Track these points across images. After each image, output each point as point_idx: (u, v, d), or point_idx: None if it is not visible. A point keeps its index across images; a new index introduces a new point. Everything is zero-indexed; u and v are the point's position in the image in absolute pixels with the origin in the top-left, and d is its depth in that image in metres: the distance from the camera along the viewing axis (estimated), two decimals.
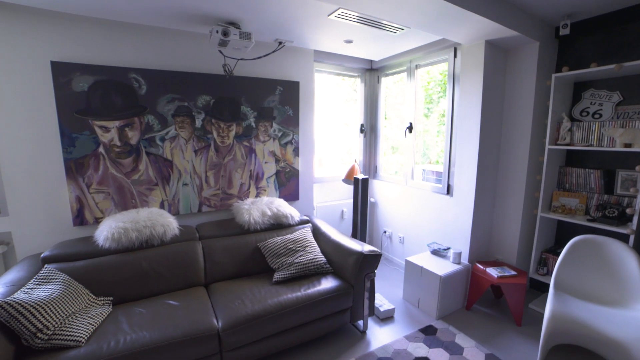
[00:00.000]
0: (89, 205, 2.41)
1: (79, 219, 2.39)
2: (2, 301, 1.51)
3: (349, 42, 2.83)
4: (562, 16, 2.32)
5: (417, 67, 3.20)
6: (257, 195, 3.02)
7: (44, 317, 1.60)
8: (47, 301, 1.67)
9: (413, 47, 3.04)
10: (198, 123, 2.68)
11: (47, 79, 2.19)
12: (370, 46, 3.00)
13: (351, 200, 3.75)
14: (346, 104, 3.81)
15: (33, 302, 1.61)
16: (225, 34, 2.20)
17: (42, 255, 2.06)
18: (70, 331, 1.64)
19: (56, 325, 1.63)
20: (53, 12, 2.15)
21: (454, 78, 2.83)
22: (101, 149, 2.39)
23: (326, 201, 3.63)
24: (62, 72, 2.21)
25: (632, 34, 2.20)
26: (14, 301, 1.55)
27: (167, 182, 2.65)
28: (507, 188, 2.79)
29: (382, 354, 2.16)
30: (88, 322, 1.75)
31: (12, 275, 1.89)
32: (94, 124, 2.35)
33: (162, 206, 2.64)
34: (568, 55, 2.55)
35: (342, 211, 3.68)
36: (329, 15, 2.19)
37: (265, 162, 3.03)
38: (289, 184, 3.19)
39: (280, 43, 2.79)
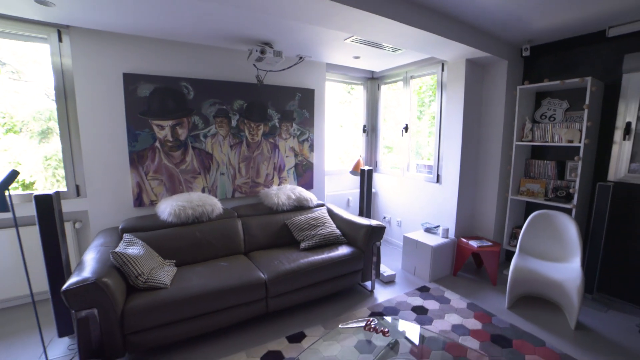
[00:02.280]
0: (146, 190, 2.95)
1: (138, 201, 2.93)
2: (117, 251, 2.06)
3: (357, 57, 3.45)
4: (524, 41, 2.99)
5: (411, 77, 3.84)
6: (280, 184, 3.60)
7: (140, 266, 2.15)
8: (138, 257, 2.22)
9: (408, 62, 3.68)
10: (233, 123, 3.25)
11: (119, 87, 2.74)
12: (373, 61, 3.62)
13: (355, 191, 4.36)
14: (340, 105, 4.38)
15: (131, 255, 2.16)
16: (262, 52, 2.79)
17: (120, 227, 2.60)
18: (158, 278, 2.19)
19: (147, 273, 2.18)
20: (126, 35, 2.70)
21: (441, 87, 3.47)
22: (157, 144, 2.94)
23: (334, 191, 4.23)
24: (130, 81, 2.76)
25: (574, 58, 2.88)
26: (122, 253, 2.09)
27: (208, 171, 3.20)
28: (485, 176, 3.44)
29: (388, 304, 2.76)
30: (166, 274, 2.30)
31: (99, 240, 2.42)
32: (153, 123, 2.89)
33: (203, 191, 3.19)
34: (530, 71, 3.23)
35: (348, 199, 4.28)
36: (344, 40, 2.80)
37: (286, 156, 3.61)
38: (305, 175, 3.78)
39: (300, 58, 3.39)
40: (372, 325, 1.82)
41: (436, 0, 2.25)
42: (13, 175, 1.67)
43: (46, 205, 1.98)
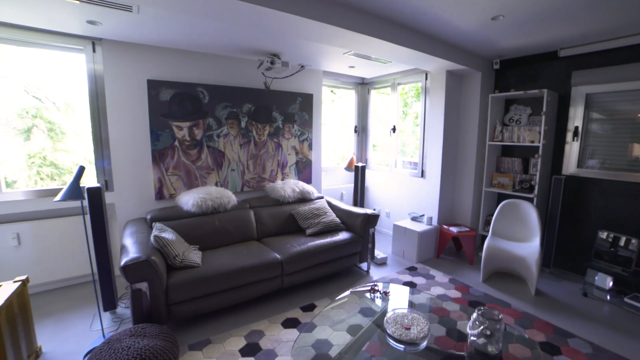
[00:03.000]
0: (166, 184, 3.28)
1: (159, 194, 3.26)
2: (159, 235, 2.41)
3: (352, 67, 3.89)
4: (494, 56, 3.52)
5: (399, 84, 4.32)
6: (283, 179, 3.99)
7: (176, 248, 2.50)
8: (173, 241, 2.57)
9: (396, 71, 4.15)
10: (243, 124, 3.62)
11: (143, 92, 3.06)
12: (366, 69, 4.07)
13: (347, 185, 4.81)
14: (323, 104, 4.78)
15: (168, 239, 2.51)
16: (272, 62, 3.18)
17: (148, 217, 2.93)
18: (191, 258, 2.55)
19: (182, 254, 2.54)
20: (150, 46, 3.02)
21: (425, 93, 3.97)
22: (176, 143, 3.27)
23: (329, 185, 4.66)
24: (153, 87, 3.08)
25: (534, 72, 3.44)
26: (162, 236, 2.45)
27: (220, 168, 3.56)
28: (463, 171, 3.97)
29: (382, 281, 3.22)
30: (196, 256, 2.66)
31: (131, 229, 2.75)
32: (173, 124, 3.23)
33: (216, 186, 3.54)
34: (500, 81, 3.77)
35: (342, 193, 4.73)
36: (344, 54, 3.23)
37: (289, 154, 4.01)
38: (304, 171, 4.19)
39: (302, 66, 3.79)
40: (376, 289, 2.26)
41: (423, 24, 2.71)
42: (82, 170, 2.00)
43: (97, 196, 2.31)
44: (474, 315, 1.65)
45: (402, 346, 1.75)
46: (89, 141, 2.98)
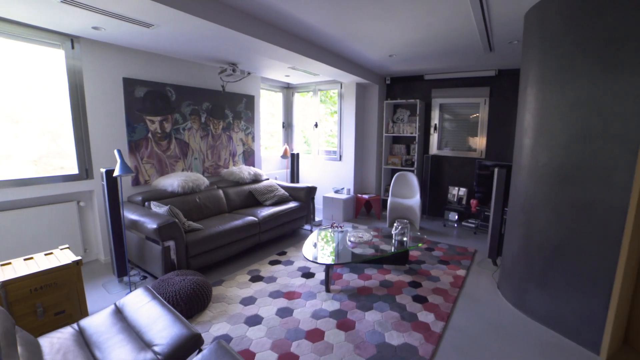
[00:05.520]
0: (142, 172, 3.73)
1: (135, 181, 3.69)
2: (172, 207, 3.03)
3: (287, 76, 4.95)
4: (387, 75, 5.14)
5: (319, 89, 5.59)
6: (234, 165, 4.77)
7: (181, 217, 3.15)
8: (176, 212, 3.20)
9: (318, 80, 5.40)
10: (203, 119, 4.27)
11: (119, 89, 3.46)
12: (296, 78, 5.18)
13: (280, 171, 5.85)
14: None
15: (177, 210, 3.13)
16: (234, 70, 3.99)
17: (139, 198, 3.40)
18: (193, 224, 3.24)
19: (187, 221, 3.20)
20: (126, 48, 3.44)
21: (341, 98, 5.35)
22: (149, 135, 3.75)
23: (265, 171, 5.61)
24: (129, 84, 3.51)
25: (411, 87, 5.21)
26: (173, 207, 3.07)
27: (185, 157, 4.14)
28: (368, 155, 5.52)
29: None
30: (194, 223, 3.33)
31: (128, 208, 3.22)
32: (146, 118, 3.70)
33: (182, 172, 4.10)
34: (391, 92, 5.45)
35: (276, 177, 5.74)
36: (288, 67, 4.28)
37: (237, 145, 4.81)
38: (249, 159, 5.05)
39: (248, 73, 4.64)
40: (334, 225, 3.47)
41: (347, 54, 4.01)
42: (120, 151, 2.55)
43: (114, 182, 2.79)
44: (395, 223, 3.03)
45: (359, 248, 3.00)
46: None
